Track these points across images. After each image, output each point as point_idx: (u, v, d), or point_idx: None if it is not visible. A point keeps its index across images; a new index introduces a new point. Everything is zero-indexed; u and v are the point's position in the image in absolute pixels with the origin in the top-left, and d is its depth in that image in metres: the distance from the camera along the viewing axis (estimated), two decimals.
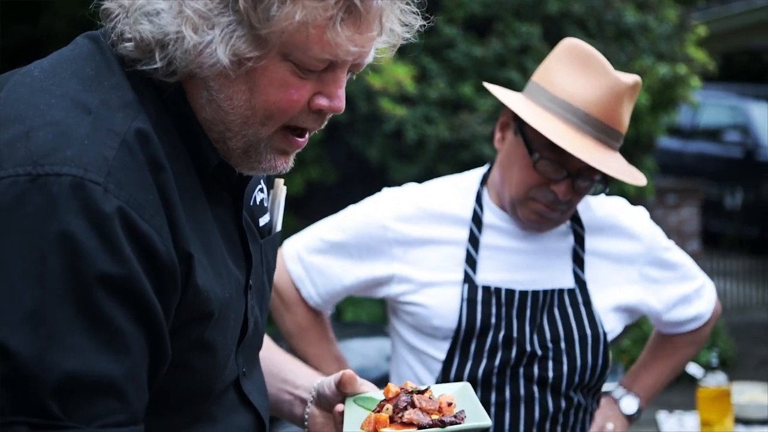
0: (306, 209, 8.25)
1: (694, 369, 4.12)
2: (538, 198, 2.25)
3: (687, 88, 8.60)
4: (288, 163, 1.44)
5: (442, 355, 2.31)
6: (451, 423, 1.50)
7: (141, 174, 1.26)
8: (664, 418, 4.32)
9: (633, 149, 8.10)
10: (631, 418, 2.56)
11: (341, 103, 1.39)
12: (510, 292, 2.29)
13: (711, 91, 12.49)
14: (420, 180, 2.59)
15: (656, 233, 2.48)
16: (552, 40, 8.05)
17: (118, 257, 1.21)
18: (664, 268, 2.47)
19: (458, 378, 2.28)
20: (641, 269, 2.43)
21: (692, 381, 4.20)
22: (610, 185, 2.33)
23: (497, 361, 2.27)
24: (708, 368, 3.97)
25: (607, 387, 2.62)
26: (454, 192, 2.41)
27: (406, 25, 1.40)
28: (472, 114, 7.78)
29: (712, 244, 11.35)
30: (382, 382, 1.73)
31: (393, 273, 2.34)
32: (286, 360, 1.83)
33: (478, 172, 2.45)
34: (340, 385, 1.63)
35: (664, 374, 2.62)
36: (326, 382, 1.68)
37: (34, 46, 7.15)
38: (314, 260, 2.41)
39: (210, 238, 1.39)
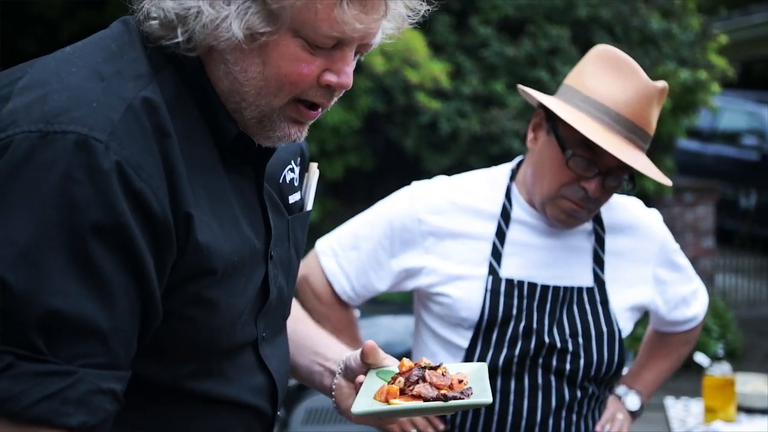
0: (344, 192, 8.24)
1: (701, 358, 4.09)
2: (568, 195, 2.20)
3: (707, 93, 8.53)
4: (302, 132, 1.43)
5: (466, 343, 2.26)
6: (454, 398, 1.48)
7: (144, 138, 1.27)
8: (671, 403, 4.28)
9: (654, 149, 7.97)
10: (634, 414, 2.53)
11: (348, 80, 1.38)
12: (532, 286, 2.24)
13: (730, 96, 12.35)
14: (452, 170, 2.52)
15: (668, 235, 2.44)
16: (580, 43, 8.05)
17: (112, 210, 1.23)
18: (673, 269, 2.43)
19: None
20: (654, 269, 2.39)
21: (699, 369, 4.24)
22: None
23: (517, 351, 2.23)
24: (714, 358, 3.97)
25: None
26: (484, 186, 2.34)
27: (411, 10, 1.39)
28: (502, 110, 7.78)
29: (725, 242, 11.14)
30: (405, 356, 1.70)
31: (424, 265, 2.28)
32: (320, 334, 1.83)
33: (506, 167, 2.38)
34: (362, 355, 1.62)
35: (662, 372, 2.59)
36: (353, 355, 1.68)
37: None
38: (348, 255, 2.34)
39: (222, 204, 1.39)
